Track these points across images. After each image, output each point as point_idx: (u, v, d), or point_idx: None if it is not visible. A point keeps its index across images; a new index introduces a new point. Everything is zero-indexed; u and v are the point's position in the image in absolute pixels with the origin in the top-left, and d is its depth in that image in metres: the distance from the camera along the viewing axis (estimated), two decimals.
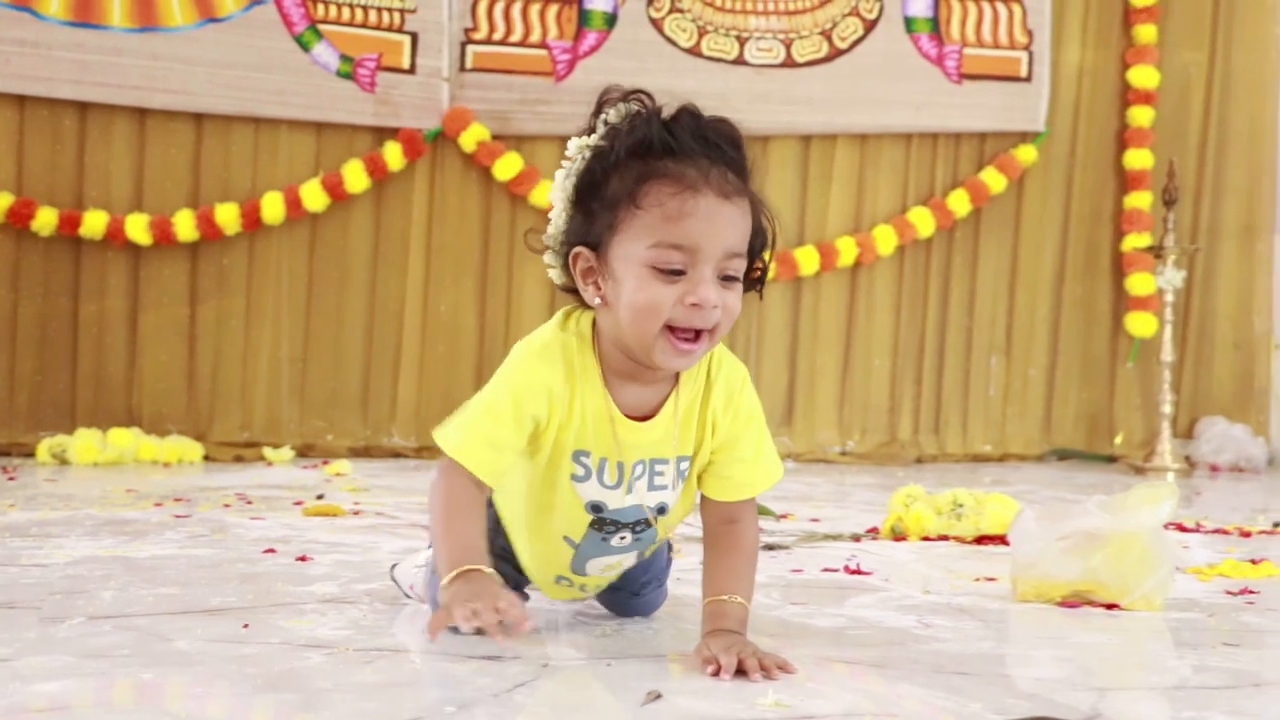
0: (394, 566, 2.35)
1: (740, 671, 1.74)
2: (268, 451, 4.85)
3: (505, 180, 5.12)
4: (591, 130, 1.78)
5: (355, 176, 5.02)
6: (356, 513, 3.50)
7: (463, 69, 5.14)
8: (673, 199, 1.71)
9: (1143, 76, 5.50)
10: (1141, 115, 5.51)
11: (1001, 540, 2.99)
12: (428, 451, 5.13)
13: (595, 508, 1.90)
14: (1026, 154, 5.42)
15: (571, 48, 5.17)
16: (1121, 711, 1.73)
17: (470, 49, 5.15)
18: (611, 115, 1.77)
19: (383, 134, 5.10)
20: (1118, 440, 5.58)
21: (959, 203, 5.35)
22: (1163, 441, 5.26)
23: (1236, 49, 5.61)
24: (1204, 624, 2.32)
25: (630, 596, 2.15)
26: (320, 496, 3.77)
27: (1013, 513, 3.01)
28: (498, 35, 5.16)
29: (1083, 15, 5.53)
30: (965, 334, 5.52)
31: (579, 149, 1.78)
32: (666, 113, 1.77)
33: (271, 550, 2.83)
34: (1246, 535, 3.42)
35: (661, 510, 1.93)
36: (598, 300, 1.78)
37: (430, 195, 5.18)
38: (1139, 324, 5.48)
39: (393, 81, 5.09)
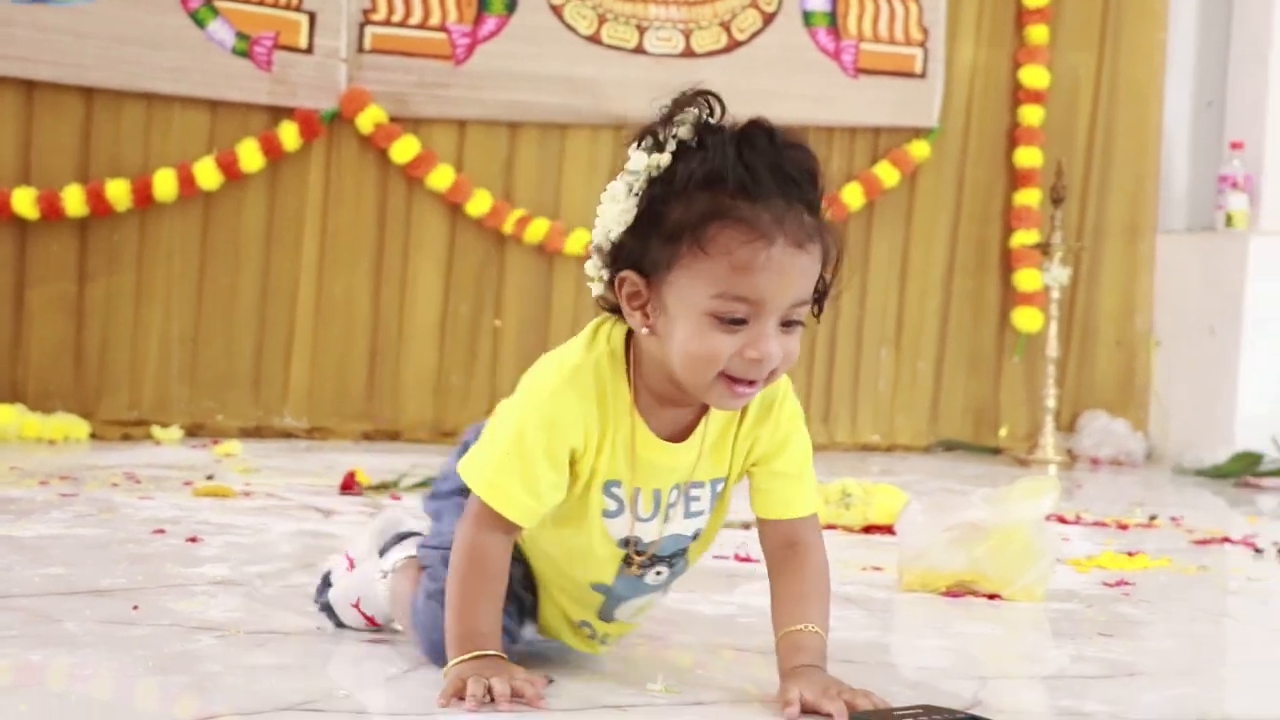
0: (323, 593, 2.03)
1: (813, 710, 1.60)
2: (156, 430, 4.80)
3: (402, 163, 5.10)
4: (659, 142, 1.59)
5: (250, 155, 4.98)
6: (247, 494, 3.48)
7: (361, 50, 5.11)
8: (744, 248, 1.53)
9: (1033, 76, 5.59)
10: (1032, 114, 5.59)
11: (889, 530, 3.04)
12: (319, 433, 5.10)
13: (626, 543, 1.72)
14: (920, 149, 5.49)
15: (471, 32, 5.16)
16: (1001, 699, 1.77)
17: (369, 30, 5.12)
18: (681, 130, 1.58)
19: (279, 113, 5.06)
20: (1002, 433, 5.67)
21: (853, 196, 5.41)
22: (1046, 435, 5.35)
23: (1124, 53, 5.71)
24: (1082, 614, 2.38)
25: None
26: (210, 477, 3.74)
27: (900, 503, 3.06)
28: (397, 17, 5.13)
29: (976, 14, 5.61)
30: (856, 326, 5.58)
31: (646, 168, 1.59)
32: (738, 125, 1.59)
33: (161, 531, 2.81)
34: (1124, 528, 3.50)
35: (695, 536, 1.76)
36: (645, 330, 1.60)
37: (326, 176, 5.15)
38: (1025, 319, 5.56)
39: (289, 61, 5.05)
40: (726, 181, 1.54)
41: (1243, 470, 4.94)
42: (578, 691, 1.67)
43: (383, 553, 1.97)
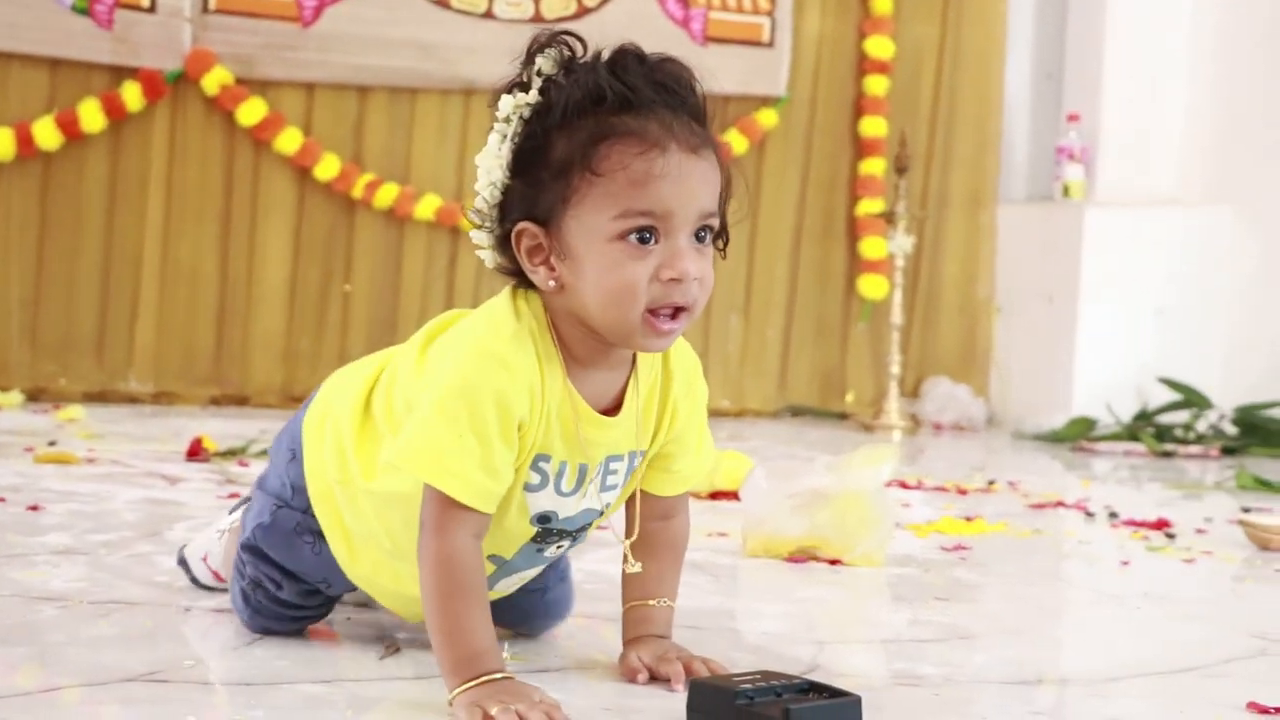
0: (183, 548, 2.05)
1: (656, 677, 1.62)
2: None
3: (249, 126, 5.04)
4: (524, 85, 1.50)
5: (91, 116, 4.88)
6: (91, 460, 3.44)
7: (205, 10, 5.03)
8: (637, 160, 1.46)
9: (878, 47, 5.66)
10: (876, 85, 5.67)
11: (734, 496, 3.08)
12: (165, 397, 5.04)
13: (543, 519, 1.61)
14: (768, 118, 5.54)
15: None
16: (839, 663, 1.82)
17: None
18: (544, 65, 1.49)
19: (121, 73, 4.97)
20: (849, 398, 5.76)
21: None
22: (890, 400, 5.45)
23: (966, 25, 5.81)
24: (920, 579, 2.44)
25: (539, 595, 1.81)
26: (53, 443, 3.68)
27: (745, 469, 3.11)
28: None
29: None
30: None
31: (514, 108, 1.50)
32: (606, 55, 1.50)
33: (1, 499, 2.77)
34: (963, 493, 3.59)
35: (603, 511, 1.67)
36: (552, 284, 1.50)
37: (171, 138, 5.07)
38: (871, 287, 5.65)
39: (132, 20, 4.96)
40: (605, 99, 1.47)
41: (1078, 435, 5.08)
42: (422, 656, 1.68)
43: (234, 510, 1.96)
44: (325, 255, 5.24)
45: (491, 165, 1.51)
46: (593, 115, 1.47)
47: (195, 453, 3.57)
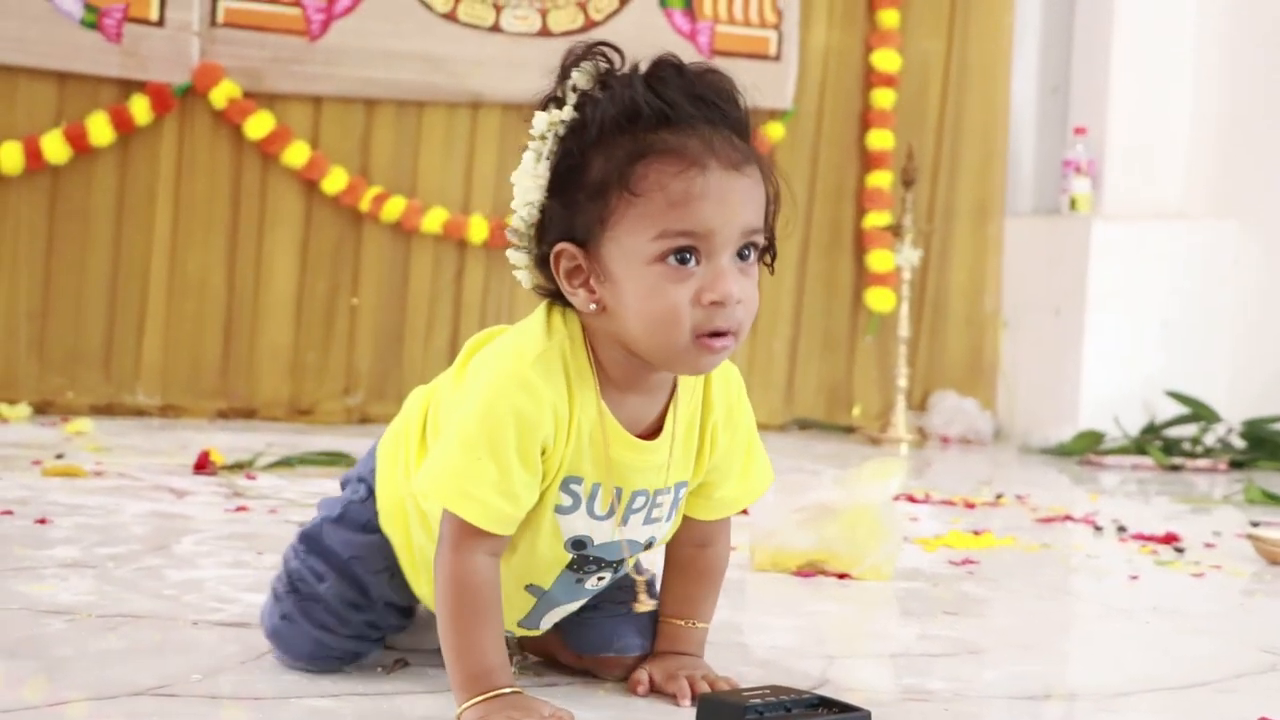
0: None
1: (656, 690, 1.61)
2: (3, 408, 4.71)
3: (256, 139, 5.04)
4: (559, 100, 1.47)
5: (100, 129, 4.89)
6: (99, 473, 3.44)
7: (214, 24, 5.04)
8: (676, 180, 1.41)
9: (885, 60, 5.66)
10: (883, 98, 5.67)
11: (742, 510, 3.06)
12: (172, 410, 5.04)
13: (577, 544, 1.56)
14: (775, 131, 5.54)
15: (326, 7, 5.11)
16: (848, 677, 1.82)
17: (221, 3, 5.05)
18: (580, 79, 1.46)
19: (129, 87, 4.98)
20: (856, 412, 5.75)
21: None
22: (897, 414, 5.45)
23: (973, 38, 5.81)
24: (928, 593, 2.44)
25: (625, 608, 1.70)
26: (60, 456, 3.68)
27: None
28: None
29: None
30: None
31: (550, 125, 1.46)
32: (644, 68, 1.47)
33: (9, 512, 2.77)
34: (971, 506, 3.58)
35: (649, 545, 1.62)
36: (593, 306, 1.46)
37: (179, 152, 5.08)
38: (878, 300, 5.65)
39: (140, 33, 4.97)
40: (642, 116, 1.42)
41: (1086, 448, 5.07)
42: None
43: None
44: (332, 268, 5.24)
45: (528, 185, 1.47)
46: (629, 133, 1.43)
47: (203, 466, 3.57)
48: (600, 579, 1.63)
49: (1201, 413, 5.13)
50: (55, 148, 4.87)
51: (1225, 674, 1.90)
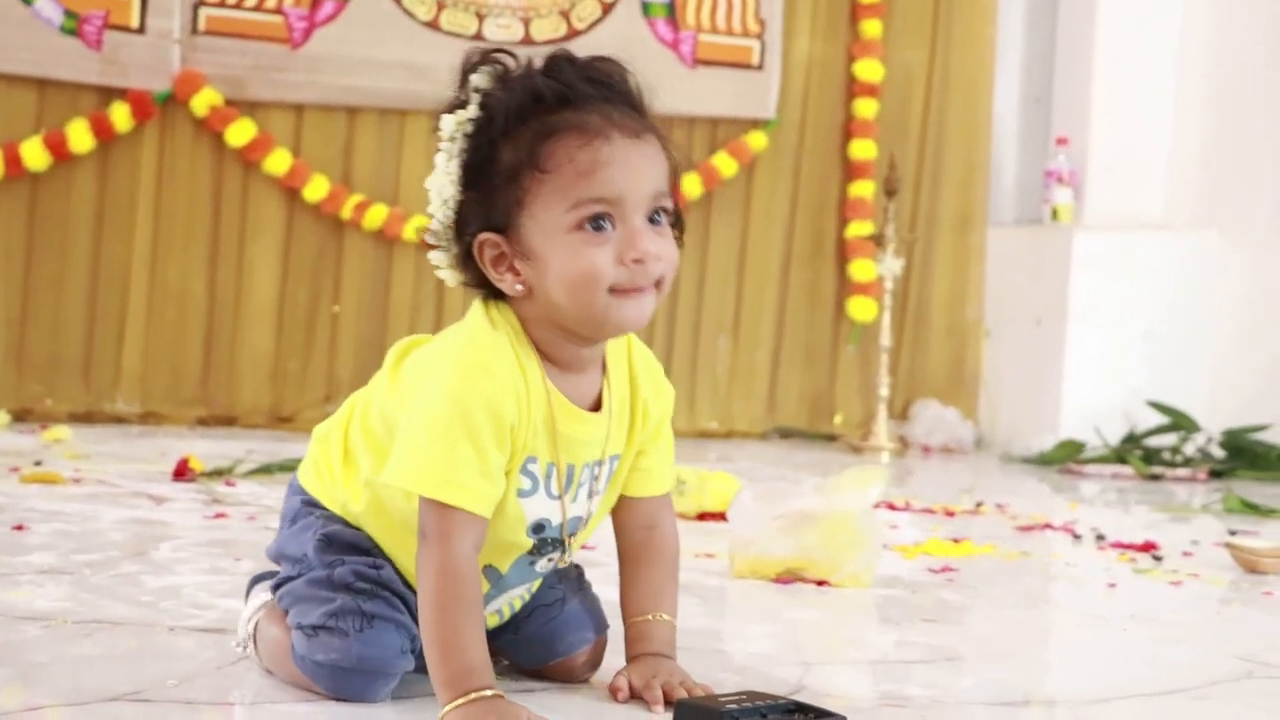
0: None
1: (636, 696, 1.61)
2: None
3: (238, 147, 5.04)
4: (462, 103, 1.56)
5: (80, 136, 4.88)
6: (77, 481, 3.42)
7: (194, 32, 5.03)
8: (582, 151, 1.50)
9: (868, 70, 5.67)
10: (866, 108, 5.68)
11: (722, 517, 3.08)
12: (152, 418, 5.02)
13: (538, 528, 1.61)
14: (757, 140, 5.54)
15: (308, 15, 5.11)
16: (825, 684, 1.81)
17: (203, 11, 5.04)
18: (479, 80, 1.55)
19: (110, 94, 4.96)
20: (837, 420, 5.76)
21: (691, 186, 5.45)
22: (879, 422, 5.45)
23: (955, 49, 5.82)
24: (907, 600, 2.44)
25: (557, 609, 1.73)
26: (39, 463, 3.67)
27: (733, 491, 3.10)
28: None
29: (812, 8, 5.67)
30: (694, 314, 5.62)
31: (457, 125, 1.55)
32: (539, 63, 1.56)
33: None
34: (951, 514, 3.58)
35: (586, 520, 1.67)
36: (519, 288, 1.54)
37: (159, 159, 5.06)
38: (860, 309, 5.65)
39: (121, 41, 4.96)
40: (544, 99, 1.52)
41: (1066, 458, 5.08)
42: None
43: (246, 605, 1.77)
44: (314, 276, 5.23)
45: (442, 184, 1.56)
46: (534, 117, 1.52)
47: (182, 473, 3.56)
48: (550, 560, 1.66)
49: (1181, 422, 5.14)
50: (35, 155, 4.85)
51: (1201, 681, 1.91)
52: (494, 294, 1.58)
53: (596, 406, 1.62)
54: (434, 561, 1.50)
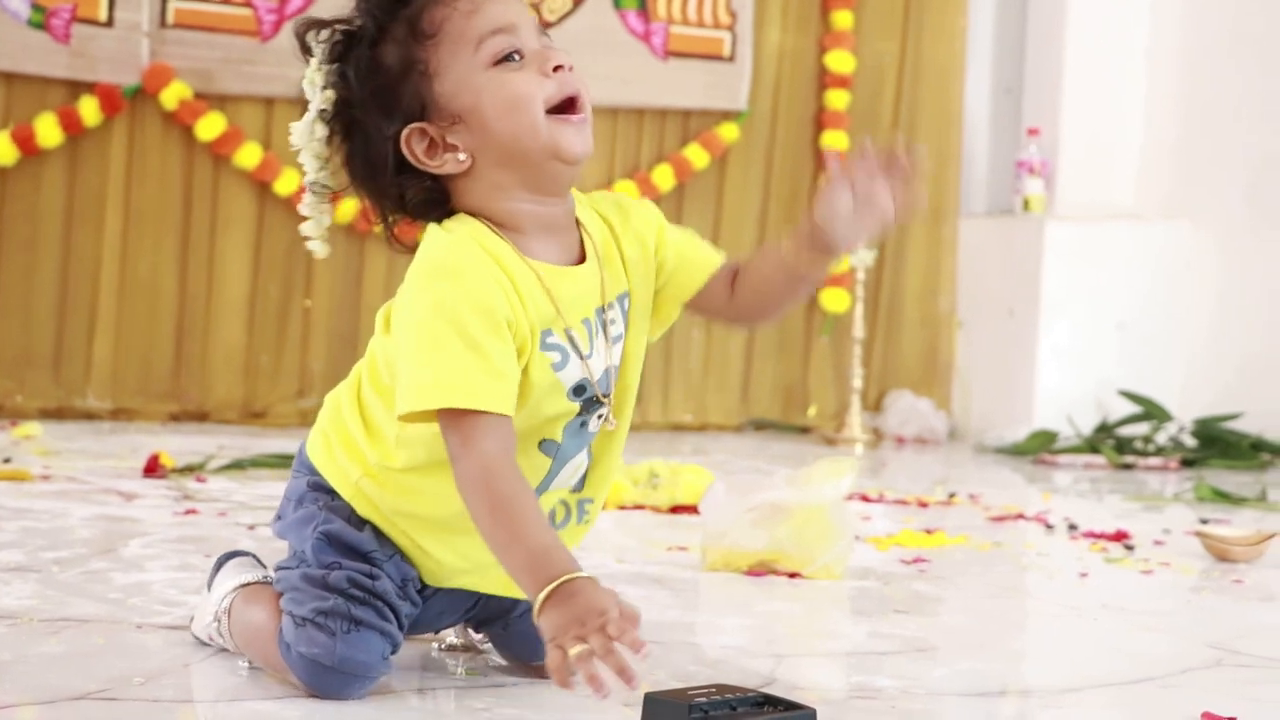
0: (192, 619, 1.84)
1: None
2: None
3: (208, 141, 5.00)
4: (313, 58, 1.61)
5: (48, 131, 4.84)
6: (46, 477, 3.40)
7: (163, 25, 5.00)
8: (459, 1, 1.55)
9: (839, 62, 5.67)
10: (837, 99, 5.68)
11: (694, 510, 3.07)
12: (124, 414, 4.99)
13: (579, 389, 1.60)
14: (729, 132, 5.54)
15: (278, 8, 5.07)
16: (797, 676, 1.81)
17: (171, 4, 5.00)
18: (323, 34, 1.61)
19: (78, 88, 4.93)
20: (811, 412, 5.76)
21: (663, 178, 5.44)
22: (853, 414, 5.45)
23: (926, 40, 5.82)
24: (879, 592, 2.44)
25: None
26: (8, 460, 3.65)
27: (706, 483, 3.10)
28: None
29: (783, 0, 5.67)
30: None
31: (315, 78, 1.59)
32: None
33: None
34: (924, 506, 3.59)
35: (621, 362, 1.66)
36: (462, 157, 1.55)
37: (129, 153, 5.03)
38: (832, 300, 5.65)
39: (89, 34, 4.92)
40: None
41: (1040, 448, 5.09)
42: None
43: (210, 586, 1.78)
44: (285, 270, 5.21)
45: (314, 135, 1.61)
46: (401, 5, 1.56)
47: (152, 469, 3.54)
48: (600, 416, 1.64)
49: (1153, 412, 5.15)
50: (2, 149, 4.82)
51: (1172, 669, 1.91)
52: (433, 204, 1.58)
53: (581, 259, 1.62)
54: (467, 473, 1.48)
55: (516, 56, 1.55)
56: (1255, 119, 5.30)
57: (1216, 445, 5.00)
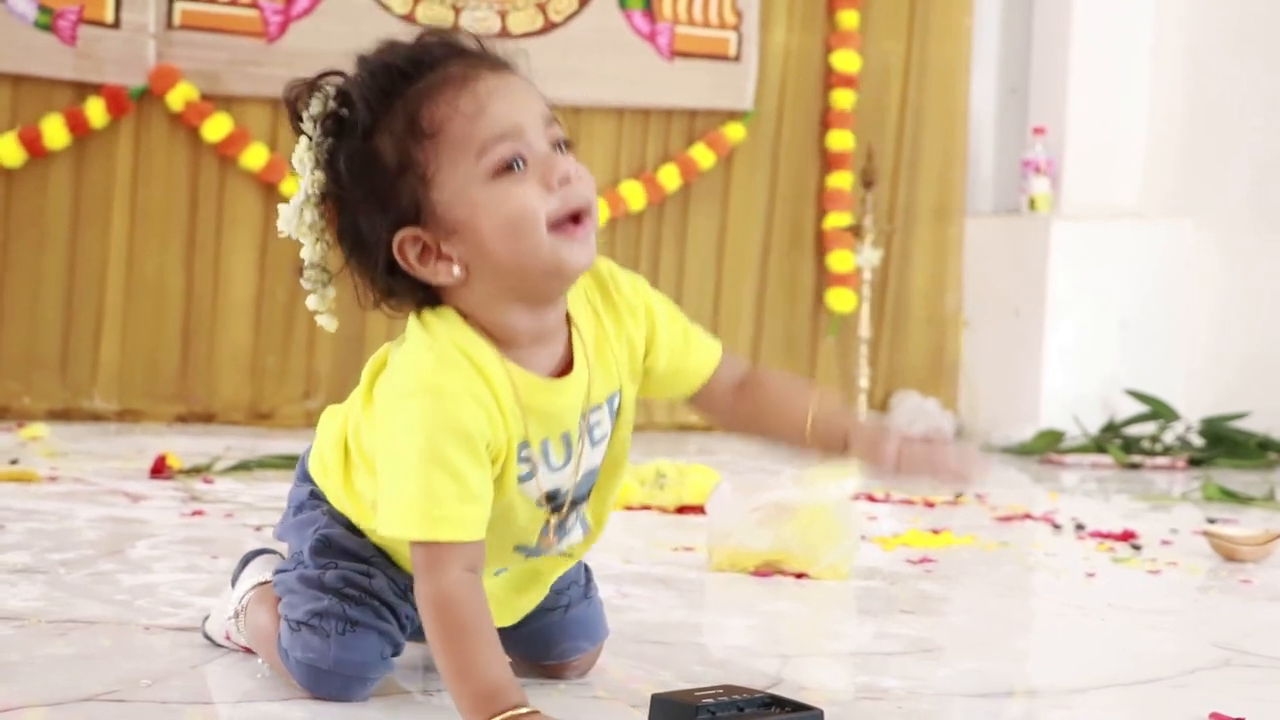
0: (206, 619, 1.83)
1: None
2: None
3: (214, 141, 5.01)
4: (305, 135, 1.49)
5: (55, 132, 4.85)
6: (53, 479, 3.41)
7: (170, 26, 5.00)
8: (462, 98, 1.44)
9: (845, 61, 5.67)
10: (843, 99, 5.68)
11: (701, 510, 3.08)
12: (130, 415, 5.00)
13: (551, 497, 1.56)
14: (735, 132, 5.54)
15: (284, 9, 5.08)
16: (803, 677, 1.81)
17: (178, 5, 5.01)
18: (315, 108, 1.48)
19: (85, 89, 4.94)
20: None
21: (669, 178, 5.44)
22: (860, 414, 5.45)
23: (932, 39, 5.82)
24: (885, 592, 2.44)
25: (560, 614, 1.71)
26: (15, 461, 3.65)
27: (712, 483, 3.10)
28: None
29: (788, 0, 5.67)
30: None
31: (305, 158, 1.48)
32: (365, 58, 1.50)
33: None
34: (930, 505, 3.58)
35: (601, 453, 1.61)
36: (458, 271, 1.46)
37: (135, 154, 5.04)
38: (839, 300, 5.65)
39: (95, 36, 4.93)
40: (399, 72, 1.46)
41: (1046, 447, 5.08)
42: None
43: (234, 582, 1.78)
44: (292, 271, 5.20)
45: (301, 220, 1.51)
46: (396, 96, 1.45)
47: (159, 470, 3.54)
48: (577, 514, 1.61)
49: (1160, 411, 5.15)
50: (9, 151, 4.83)
51: (1180, 669, 1.91)
52: (425, 303, 1.51)
53: (569, 365, 1.54)
54: (428, 596, 1.45)
55: (520, 164, 1.44)
56: (1259, 118, 5.30)
57: (1224, 444, 4.99)
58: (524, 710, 1.39)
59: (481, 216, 1.44)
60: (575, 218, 1.46)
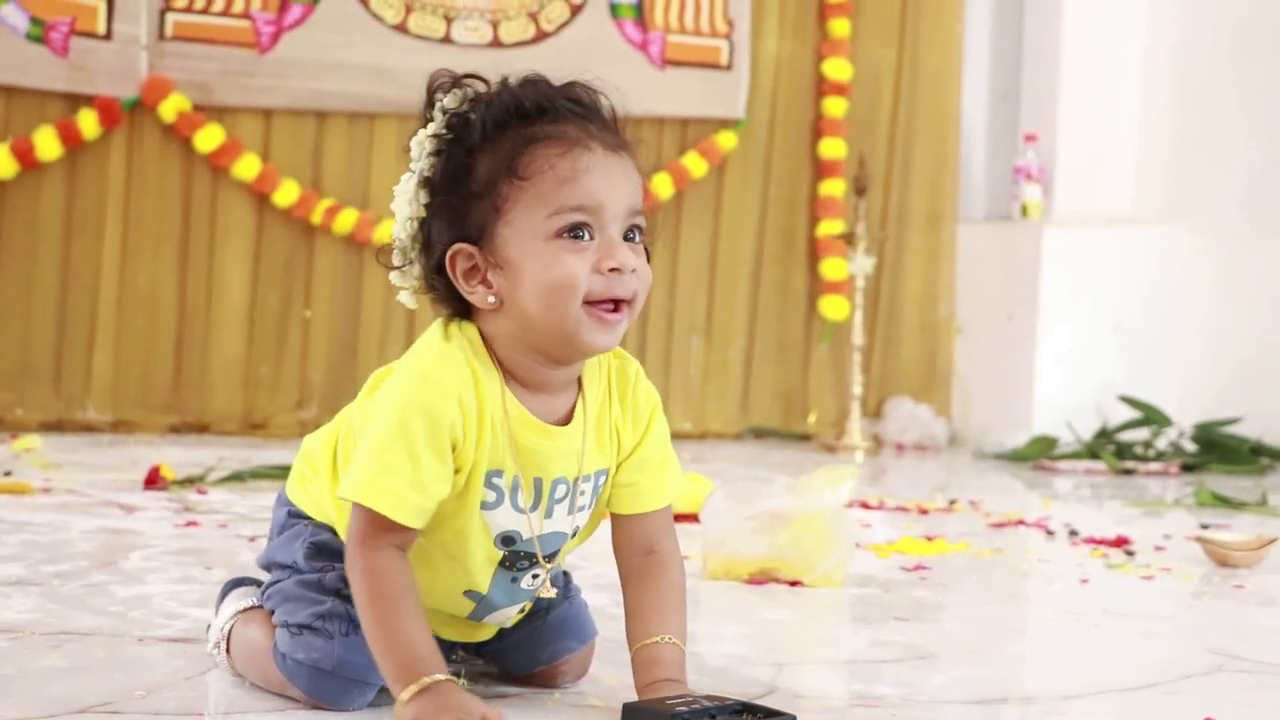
0: (209, 628, 1.80)
1: None
2: None
3: (207, 152, 5.01)
4: (430, 120, 1.57)
5: (47, 144, 4.85)
6: (46, 490, 3.41)
7: (162, 38, 5.00)
8: (562, 159, 1.51)
9: (836, 69, 5.68)
10: (835, 106, 5.68)
11: (695, 519, 3.07)
12: (124, 426, 4.99)
13: (506, 540, 1.59)
14: (727, 140, 5.54)
15: (276, 19, 5.09)
16: (798, 684, 1.81)
17: (170, 16, 5.02)
18: (448, 101, 1.56)
19: (77, 101, 4.94)
20: (811, 419, 5.76)
21: (662, 186, 5.44)
22: (853, 421, 5.45)
23: (923, 46, 5.82)
24: (879, 599, 2.44)
25: (540, 619, 1.72)
26: (8, 473, 3.65)
27: (705, 492, 3.10)
28: (199, 4, 5.03)
29: (780, 8, 5.67)
30: (667, 315, 5.62)
31: (423, 143, 1.56)
32: (512, 80, 1.57)
33: None
34: (925, 513, 3.59)
35: (574, 534, 1.66)
36: (491, 299, 1.53)
37: (128, 166, 5.04)
38: (832, 307, 5.65)
39: (88, 47, 4.93)
40: (523, 111, 1.53)
41: (1040, 454, 5.09)
42: None
43: (217, 611, 1.77)
44: (284, 281, 5.21)
45: (407, 201, 1.56)
46: (513, 127, 1.53)
47: (153, 481, 3.54)
48: (535, 576, 1.64)
49: (1153, 417, 5.16)
50: (2, 163, 4.83)
51: (1173, 675, 1.91)
52: (458, 313, 1.58)
53: (568, 421, 1.60)
54: (357, 564, 1.50)
55: (585, 234, 1.51)
56: (1251, 124, 5.31)
57: (1216, 450, 5.00)
58: (440, 678, 1.44)
59: (530, 265, 1.50)
60: (614, 305, 1.52)
